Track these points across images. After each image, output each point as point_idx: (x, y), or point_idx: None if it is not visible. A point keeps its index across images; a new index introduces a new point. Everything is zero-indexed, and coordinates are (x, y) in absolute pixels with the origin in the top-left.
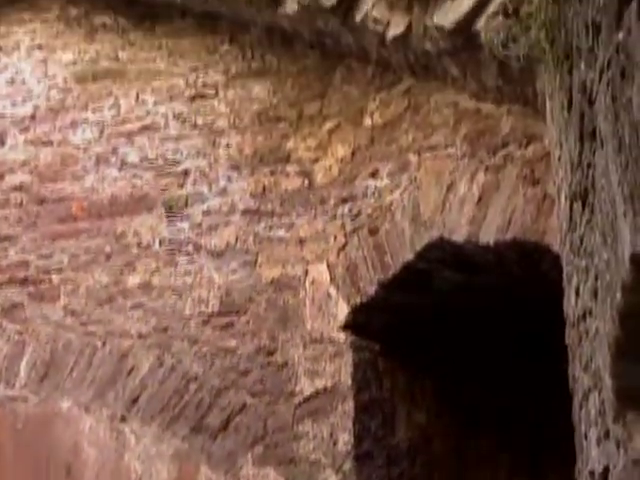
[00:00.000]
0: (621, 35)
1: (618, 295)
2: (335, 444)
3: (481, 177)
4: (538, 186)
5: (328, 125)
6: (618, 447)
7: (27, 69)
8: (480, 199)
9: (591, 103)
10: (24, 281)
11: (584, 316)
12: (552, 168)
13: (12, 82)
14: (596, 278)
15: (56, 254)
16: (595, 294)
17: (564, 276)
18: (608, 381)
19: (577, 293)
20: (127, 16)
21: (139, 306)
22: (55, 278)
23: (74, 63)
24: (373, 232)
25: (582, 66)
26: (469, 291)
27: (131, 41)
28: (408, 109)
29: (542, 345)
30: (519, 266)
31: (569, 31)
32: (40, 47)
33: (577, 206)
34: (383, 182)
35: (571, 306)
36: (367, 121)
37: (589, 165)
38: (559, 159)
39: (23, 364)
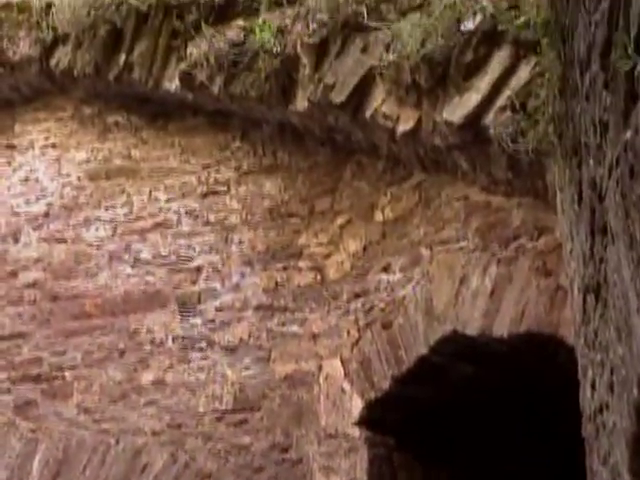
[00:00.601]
0: (629, 134)
1: (635, 391)
2: None
3: (493, 270)
4: (551, 278)
5: (339, 220)
6: None
7: (41, 167)
8: (493, 292)
9: (601, 199)
10: (37, 378)
11: (601, 410)
12: (564, 260)
13: (26, 180)
14: (612, 372)
15: (69, 351)
16: (611, 388)
17: (579, 369)
18: (626, 476)
19: (593, 386)
20: (140, 114)
21: (153, 403)
22: (68, 375)
23: (87, 161)
24: (386, 326)
25: (591, 162)
26: (483, 383)
27: (144, 139)
28: (419, 203)
29: (558, 436)
30: (533, 358)
31: (577, 127)
32: (54, 146)
33: (590, 299)
34: (395, 276)
35: (587, 399)
36: (378, 216)
37: (601, 259)
38: (571, 252)
39: (36, 462)
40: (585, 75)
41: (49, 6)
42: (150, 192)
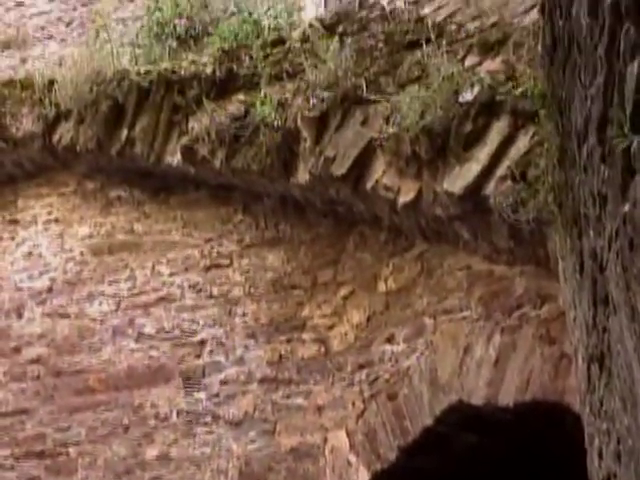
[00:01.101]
0: (627, 207)
1: None
2: None
3: (497, 338)
4: (555, 345)
5: (343, 292)
6: None
7: (44, 243)
8: (497, 361)
9: (602, 270)
10: (41, 454)
11: (608, 479)
12: (568, 328)
13: (29, 255)
14: (618, 442)
15: (73, 427)
16: (618, 458)
17: (586, 437)
18: None
19: (600, 455)
20: (142, 189)
21: (158, 478)
22: (72, 451)
23: (90, 236)
24: (391, 397)
25: (591, 233)
26: (489, 453)
27: (146, 213)
28: (422, 273)
29: None
30: (539, 426)
31: (576, 197)
32: (57, 221)
33: (595, 368)
34: (399, 347)
35: (595, 468)
36: (381, 286)
37: (604, 329)
38: (574, 320)
39: None
40: (583, 147)
41: (52, 83)
42: (153, 266)
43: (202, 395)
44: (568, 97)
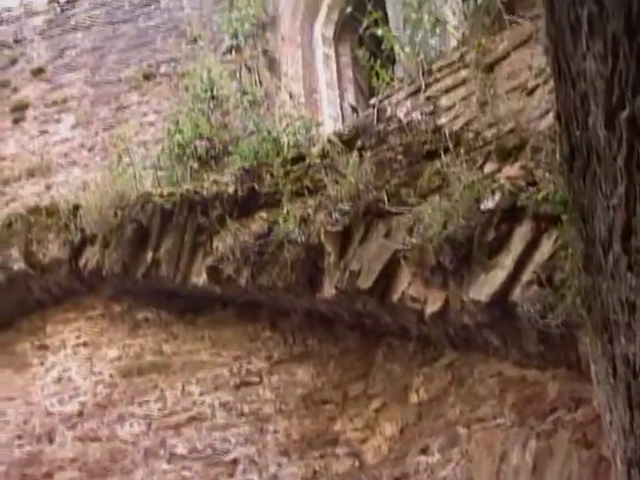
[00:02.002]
0: None
1: None
2: None
3: (533, 444)
4: (592, 449)
5: (374, 404)
6: None
7: (73, 367)
8: (535, 467)
9: (636, 375)
10: None
11: None
12: (604, 431)
13: (59, 380)
14: None
15: None
16: None
17: None
18: None
19: None
20: (169, 309)
21: None
22: None
23: (119, 358)
24: None
25: (622, 339)
26: None
27: (174, 334)
28: (453, 382)
29: None
30: None
31: (604, 303)
32: (85, 344)
33: (635, 473)
34: (434, 458)
35: None
36: (413, 397)
37: None
38: (610, 423)
39: None
40: (608, 255)
41: (76, 208)
42: (183, 386)
43: None
44: (590, 205)
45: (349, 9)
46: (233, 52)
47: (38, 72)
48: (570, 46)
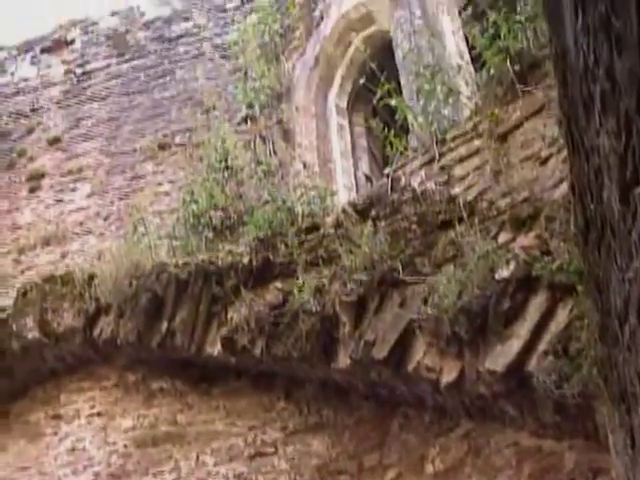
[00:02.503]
0: None
1: None
2: None
3: None
4: None
5: (390, 475)
6: None
7: (87, 436)
8: None
9: None
10: None
11: None
12: None
13: (72, 450)
14: None
15: None
16: None
17: None
18: None
19: None
20: (183, 379)
21: None
22: None
23: (133, 428)
24: None
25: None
26: None
27: (189, 404)
28: (469, 453)
29: None
30: None
31: (621, 375)
32: (100, 414)
33: None
34: None
35: None
36: (429, 468)
37: None
38: None
39: None
40: (624, 327)
41: (91, 277)
42: (197, 456)
43: None
44: (605, 277)
45: (362, 80)
46: (248, 122)
47: (54, 141)
48: (583, 120)
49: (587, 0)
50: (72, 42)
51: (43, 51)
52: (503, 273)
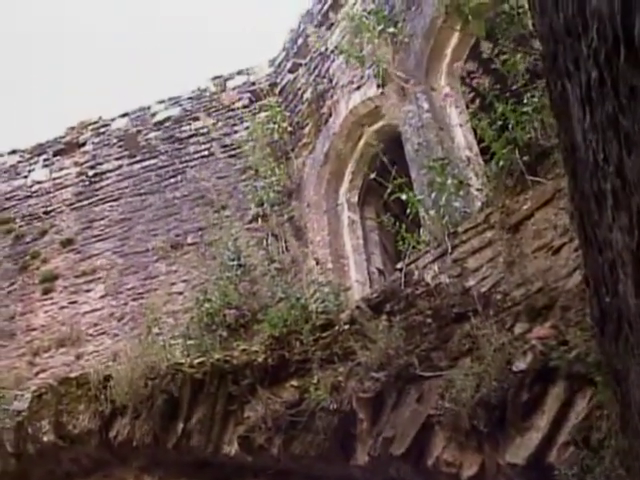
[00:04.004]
0: None
1: None
2: None
3: None
4: None
5: None
6: None
7: None
8: None
9: None
10: None
11: None
12: None
13: None
14: None
15: None
16: None
17: None
18: None
19: None
20: None
21: None
22: None
23: None
24: None
25: None
26: None
27: None
28: None
29: None
30: None
31: None
32: None
33: None
34: None
35: None
36: None
37: None
38: None
39: None
40: None
41: (107, 379)
42: None
43: None
44: (624, 369)
45: (373, 174)
46: (259, 220)
47: (67, 243)
48: (596, 215)
49: (594, 99)
50: (84, 144)
51: (55, 154)
52: (520, 365)
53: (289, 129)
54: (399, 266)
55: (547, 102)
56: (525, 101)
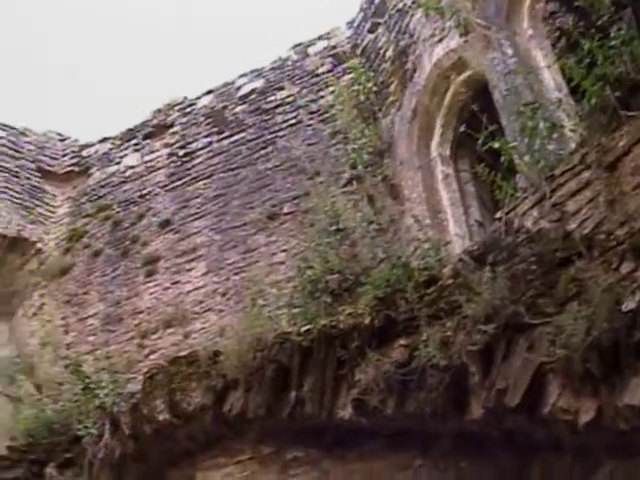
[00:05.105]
0: None
1: None
2: None
3: None
4: None
5: None
6: None
7: None
8: None
9: None
10: None
11: None
12: None
13: None
14: None
15: None
16: None
17: None
18: None
19: None
20: (317, 447)
21: None
22: None
23: None
24: None
25: None
26: None
27: (325, 470)
28: None
29: None
30: None
31: None
32: None
33: None
34: None
35: None
36: None
37: None
38: None
39: None
40: None
41: (216, 354)
42: None
43: None
44: None
45: (463, 126)
46: (354, 183)
47: (165, 224)
48: None
49: None
50: (172, 125)
51: (145, 137)
52: (630, 304)
53: (374, 89)
54: (498, 215)
55: (635, 33)
56: (612, 35)
